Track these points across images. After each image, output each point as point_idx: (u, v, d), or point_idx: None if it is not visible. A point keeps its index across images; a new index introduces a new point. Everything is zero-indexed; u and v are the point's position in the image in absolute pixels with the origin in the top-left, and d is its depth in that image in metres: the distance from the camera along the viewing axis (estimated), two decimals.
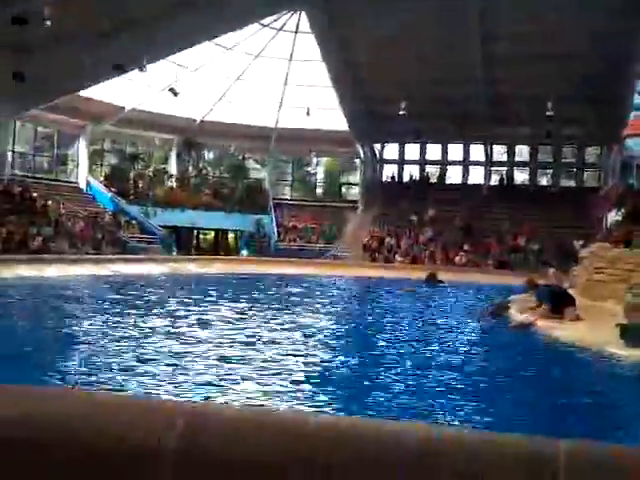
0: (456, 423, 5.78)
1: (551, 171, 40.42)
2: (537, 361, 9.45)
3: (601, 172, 38.38)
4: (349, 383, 7.51)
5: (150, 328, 10.45)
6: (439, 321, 13.67)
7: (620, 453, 1.45)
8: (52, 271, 20.50)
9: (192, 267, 27.01)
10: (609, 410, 6.79)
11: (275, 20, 34.11)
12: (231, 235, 41.36)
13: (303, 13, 32.74)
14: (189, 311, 12.96)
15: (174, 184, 39.30)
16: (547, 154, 40.39)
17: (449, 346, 10.40)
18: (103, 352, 8.21)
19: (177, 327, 10.68)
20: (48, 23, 21.17)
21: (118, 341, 9.00)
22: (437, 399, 6.57)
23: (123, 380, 6.69)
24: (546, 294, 12.72)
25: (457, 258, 32.59)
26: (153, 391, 6.31)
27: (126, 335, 9.58)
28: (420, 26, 29.41)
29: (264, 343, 9.32)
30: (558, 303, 12.61)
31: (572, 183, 40.27)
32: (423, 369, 8.10)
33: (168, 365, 7.49)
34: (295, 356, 8.46)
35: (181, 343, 9.01)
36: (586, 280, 15.87)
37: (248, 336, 9.88)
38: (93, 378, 6.70)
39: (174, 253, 32.33)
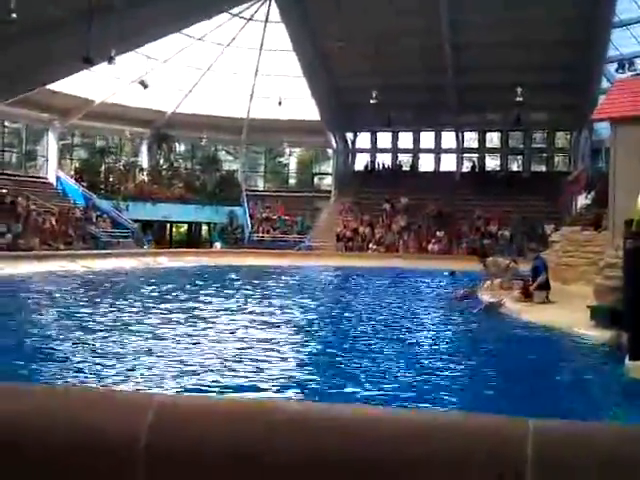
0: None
1: (522, 157, 40.76)
2: (507, 342, 9.58)
3: (571, 157, 38.79)
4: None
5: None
6: (413, 305, 13.79)
7: (588, 431, 1.47)
8: (20, 268, 20.14)
9: (164, 261, 26.82)
10: (586, 386, 6.91)
11: (245, 9, 33.86)
12: (204, 227, 41.15)
13: (273, 2, 32.55)
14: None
15: (145, 177, 38.94)
16: (517, 140, 40.73)
17: (420, 329, 10.51)
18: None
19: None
20: (14, 16, 20.77)
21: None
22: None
23: None
24: (542, 267, 12.89)
25: (430, 246, 32.78)
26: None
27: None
28: (390, 15, 29.43)
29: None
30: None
31: (543, 168, 40.67)
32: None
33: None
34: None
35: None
36: (556, 263, 16.07)
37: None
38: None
39: (147, 247, 32.06)
